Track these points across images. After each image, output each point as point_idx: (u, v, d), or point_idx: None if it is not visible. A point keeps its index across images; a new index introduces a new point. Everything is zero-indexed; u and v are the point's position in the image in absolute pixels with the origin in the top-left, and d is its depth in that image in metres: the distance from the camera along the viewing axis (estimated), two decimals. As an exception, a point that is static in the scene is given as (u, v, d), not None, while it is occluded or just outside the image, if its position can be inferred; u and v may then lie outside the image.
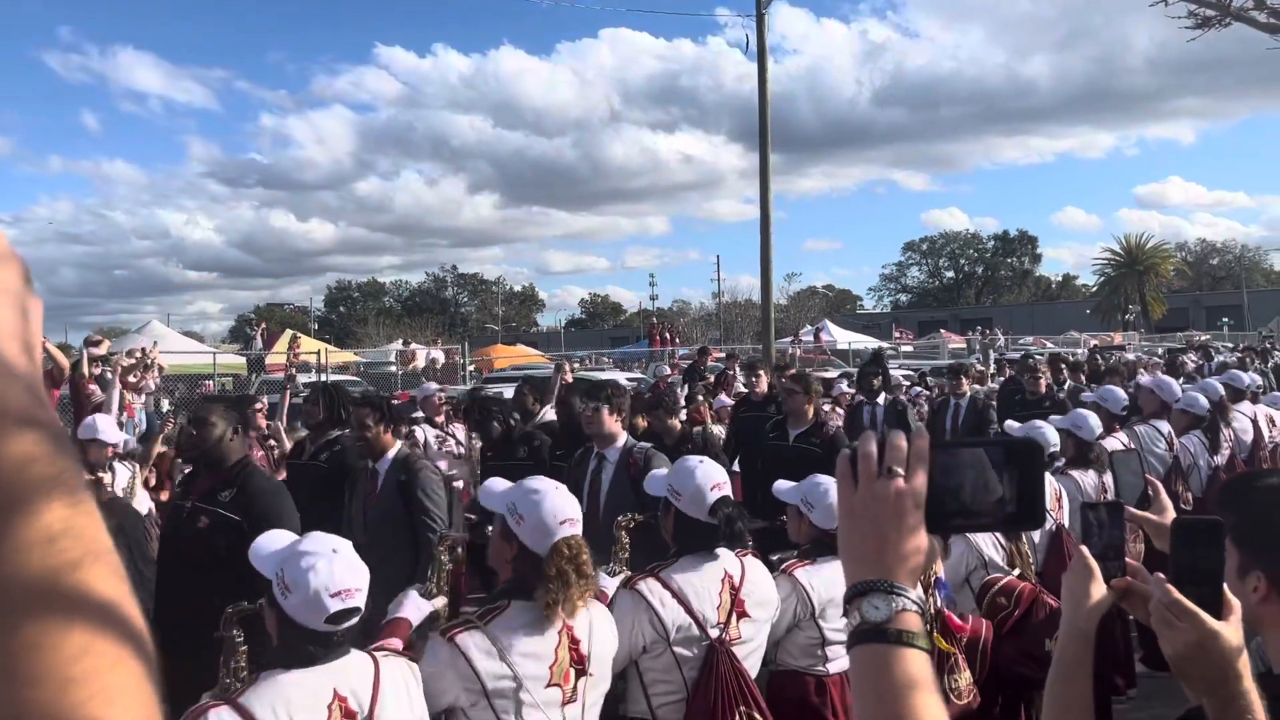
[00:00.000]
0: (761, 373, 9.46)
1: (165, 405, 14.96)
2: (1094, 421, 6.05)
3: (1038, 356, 18.42)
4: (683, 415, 9.36)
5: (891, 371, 16.63)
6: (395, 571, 4.70)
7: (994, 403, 10.66)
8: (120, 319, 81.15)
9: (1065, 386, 11.17)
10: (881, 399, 9.35)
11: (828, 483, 3.85)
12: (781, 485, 3.96)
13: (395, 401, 11.84)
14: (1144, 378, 11.06)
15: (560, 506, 2.86)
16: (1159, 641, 1.46)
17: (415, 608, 3.20)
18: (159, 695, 0.61)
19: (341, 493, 5.75)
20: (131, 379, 12.21)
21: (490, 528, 3.06)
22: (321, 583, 2.40)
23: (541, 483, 2.97)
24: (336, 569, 2.44)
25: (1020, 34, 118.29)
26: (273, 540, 2.65)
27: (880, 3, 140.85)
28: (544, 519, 2.82)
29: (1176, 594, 1.43)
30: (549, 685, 2.78)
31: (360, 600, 2.47)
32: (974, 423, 9.78)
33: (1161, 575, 1.48)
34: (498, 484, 3.06)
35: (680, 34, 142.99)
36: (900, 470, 1.13)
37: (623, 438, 5.71)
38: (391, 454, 5.55)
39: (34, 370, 0.68)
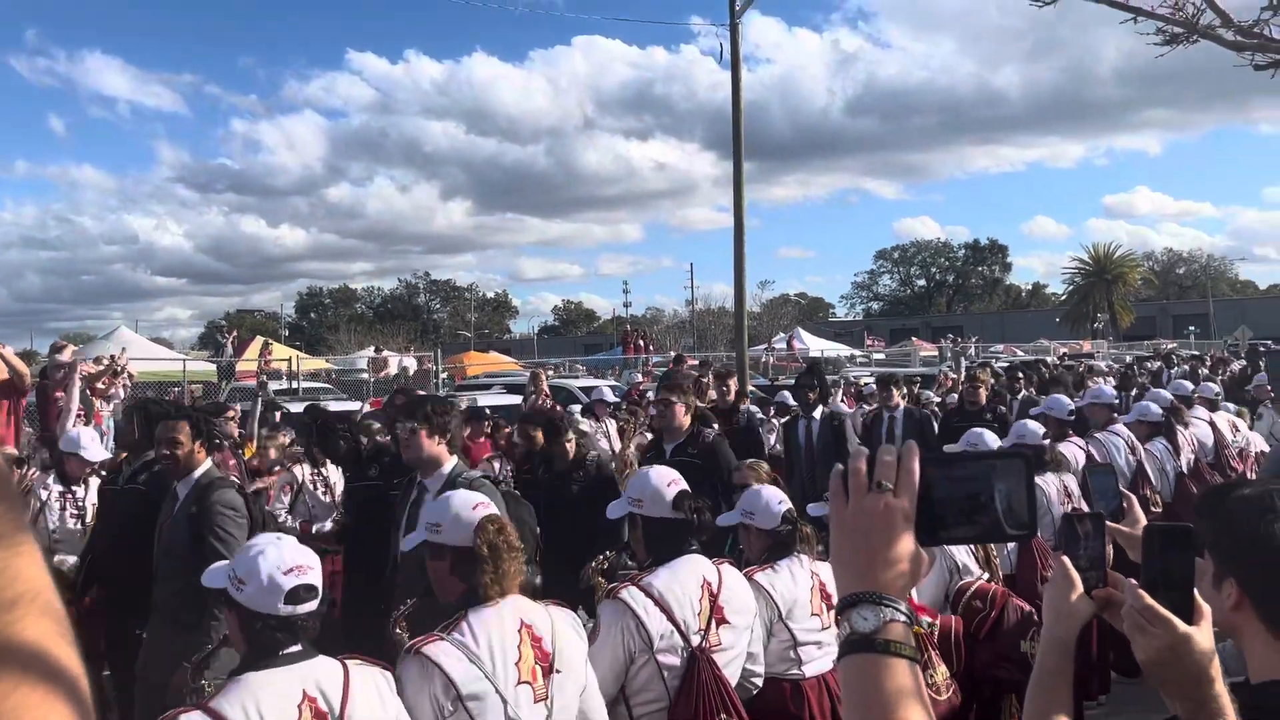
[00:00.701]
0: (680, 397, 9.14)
1: (134, 413, 14.79)
2: (1034, 427, 6.31)
3: (996, 365, 18.61)
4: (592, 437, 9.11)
5: (862, 378, 16.76)
6: (177, 632, 4.21)
7: (934, 414, 10.48)
8: (87, 325, 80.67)
9: (1020, 396, 11.23)
10: (818, 413, 8.95)
11: (758, 488, 4.03)
12: (723, 516, 4.10)
13: (367, 408, 11.81)
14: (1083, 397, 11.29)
15: (468, 497, 3.07)
16: (1132, 647, 1.48)
17: None
18: None
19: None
20: (100, 386, 12.06)
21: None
22: (272, 564, 2.48)
23: (447, 492, 3.28)
24: (285, 550, 2.53)
25: (990, 45, 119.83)
26: (217, 565, 2.76)
27: (852, 13, 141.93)
28: (458, 513, 2.97)
29: (1149, 599, 1.46)
30: (519, 683, 2.81)
31: (315, 579, 2.53)
32: (912, 436, 9.14)
33: (1134, 581, 1.50)
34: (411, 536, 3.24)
35: (653, 42, 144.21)
36: (889, 485, 1.17)
37: (449, 463, 4.66)
38: (196, 474, 4.83)
39: None
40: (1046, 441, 6.28)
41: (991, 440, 5.92)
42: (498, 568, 2.86)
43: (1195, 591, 1.51)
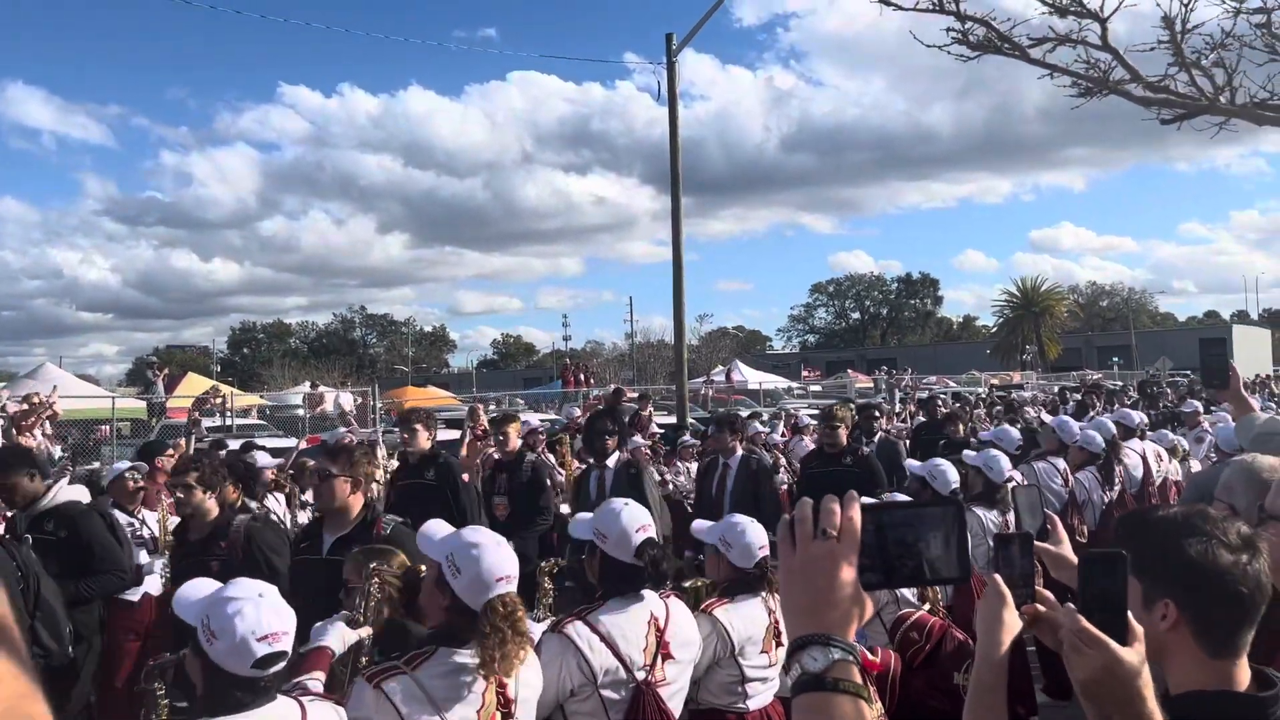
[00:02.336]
0: (418, 428, 7.04)
1: (58, 452, 14.38)
2: (1004, 464, 6.29)
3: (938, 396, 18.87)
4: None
5: (800, 410, 16.94)
6: None
7: (782, 461, 9.51)
8: (9, 361, 78.01)
9: (877, 438, 10.42)
10: (614, 460, 7.58)
11: (745, 523, 3.96)
12: (700, 525, 4.08)
13: (304, 445, 11.59)
14: (1046, 416, 11.50)
15: (499, 564, 2.86)
16: (1068, 667, 1.55)
17: (339, 637, 3.18)
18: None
19: None
20: (25, 425, 11.73)
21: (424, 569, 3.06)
22: (248, 627, 2.40)
23: (482, 535, 2.98)
24: (263, 613, 2.44)
25: (920, 83, 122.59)
26: (196, 588, 2.63)
27: (784, 52, 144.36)
28: (481, 575, 2.83)
29: (1085, 622, 1.54)
30: None
31: (287, 644, 2.47)
32: (748, 489, 7.98)
33: (1071, 605, 1.58)
34: (437, 529, 3.07)
35: (589, 78, 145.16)
36: (833, 532, 1.26)
37: None
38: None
39: None
40: (1010, 483, 6.20)
41: (953, 475, 5.99)
42: (500, 650, 2.75)
43: (1129, 614, 1.60)
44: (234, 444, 10.10)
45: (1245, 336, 66.10)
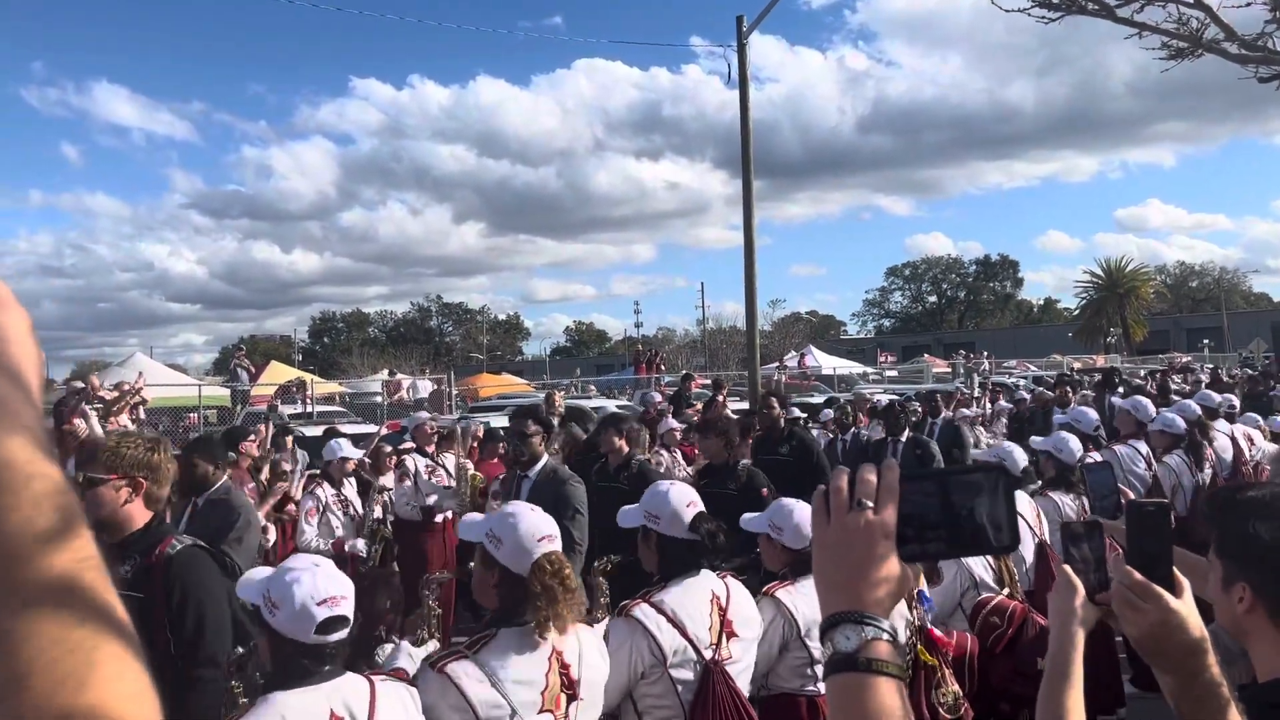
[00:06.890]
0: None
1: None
2: (1075, 445, 6.14)
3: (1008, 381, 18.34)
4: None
5: (875, 394, 16.64)
6: None
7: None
8: (103, 352, 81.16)
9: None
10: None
11: (791, 504, 3.93)
12: (747, 517, 4.05)
13: (385, 431, 11.78)
14: (1118, 400, 11.11)
15: (537, 525, 2.91)
16: (1123, 626, 1.50)
17: (408, 658, 3.23)
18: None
19: None
20: (114, 409, 12.15)
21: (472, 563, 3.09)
22: (306, 593, 2.46)
23: (517, 505, 3.06)
24: (320, 580, 2.51)
25: (999, 61, 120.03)
26: (256, 573, 2.72)
27: (854, 32, 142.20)
28: (521, 538, 2.87)
29: (1138, 575, 1.48)
30: (541, 711, 2.79)
31: (347, 609, 2.52)
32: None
33: (1121, 557, 1.53)
34: (475, 516, 3.14)
35: (655, 63, 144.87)
36: (869, 503, 1.17)
37: None
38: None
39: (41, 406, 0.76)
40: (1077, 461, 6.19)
41: (1020, 458, 5.89)
42: (552, 609, 2.79)
43: (1174, 568, 1.53)
44: (312, 431, 10.32)
45: (1345, 317, 63.42)
